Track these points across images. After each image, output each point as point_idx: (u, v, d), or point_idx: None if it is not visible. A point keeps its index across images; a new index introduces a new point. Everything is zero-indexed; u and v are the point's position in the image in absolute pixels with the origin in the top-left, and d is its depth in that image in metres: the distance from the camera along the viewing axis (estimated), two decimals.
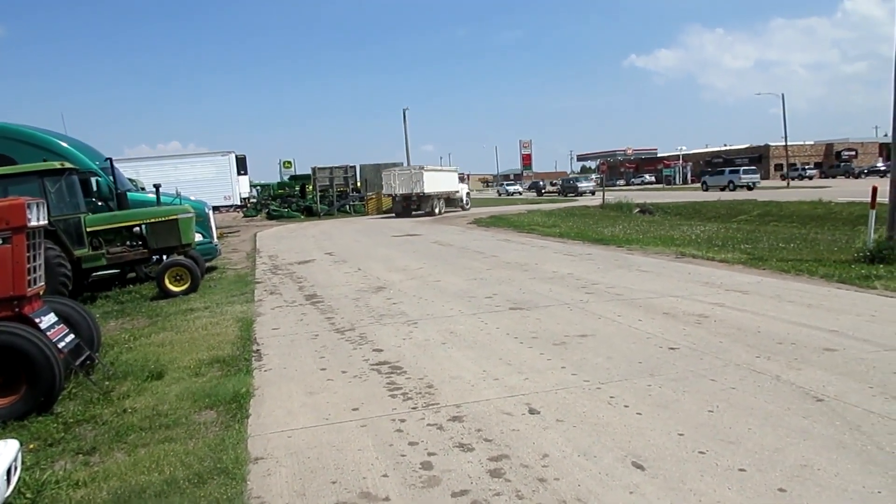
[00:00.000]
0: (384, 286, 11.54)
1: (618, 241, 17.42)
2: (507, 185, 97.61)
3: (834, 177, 74.20)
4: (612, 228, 21.96)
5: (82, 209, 11.95)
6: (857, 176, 71.75)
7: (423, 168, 40.30)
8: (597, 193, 53.98)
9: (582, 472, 3.93)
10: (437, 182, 41.47)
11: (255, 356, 7.12)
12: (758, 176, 58.16)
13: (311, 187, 48.64)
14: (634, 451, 4.18)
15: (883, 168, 72.11)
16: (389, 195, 41.77)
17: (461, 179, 47.97)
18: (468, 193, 48.49)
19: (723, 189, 53.43)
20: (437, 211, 40.57)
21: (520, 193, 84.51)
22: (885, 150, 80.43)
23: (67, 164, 11.65)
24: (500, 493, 3.72)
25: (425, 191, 39.45)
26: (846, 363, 5.80)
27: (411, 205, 40.06)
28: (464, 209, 44.43)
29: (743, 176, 55.15)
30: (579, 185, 68.53)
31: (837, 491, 3.55)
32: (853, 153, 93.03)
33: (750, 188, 52.59)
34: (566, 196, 64.98)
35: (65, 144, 13.97)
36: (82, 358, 6.32)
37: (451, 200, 44.55)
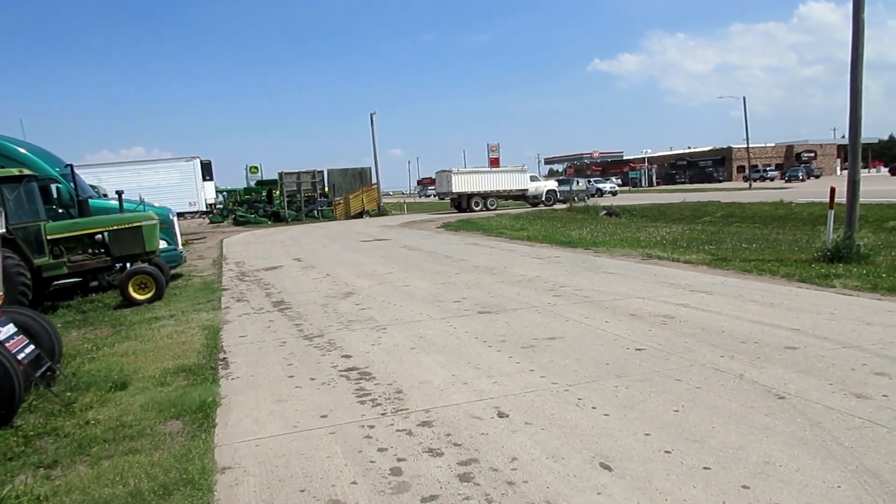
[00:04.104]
0: (353, 291, 11.50)
1: (585, 243, 17.59)
2: (597, 181, 69.52)
3: (797, 180, 74.45)
4: (580, 231, 22.17)
5: (42, 217, 11.69)
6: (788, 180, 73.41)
7: (450, 171, 46.78)
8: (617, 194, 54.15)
9: (550, 474, 3.95)
10: (475, 182, 46.43)
11: (221, 364, 7.03)
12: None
13: (278, 192, 48.25)
14: (602, 452, 4.22)
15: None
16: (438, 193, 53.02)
17: (534, 178, 51.21)
18: (551, 191, 49.72)
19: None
20: (475, 208, 45.15)
21: (613, 194, 62.56)
22: (843, 151, 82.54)
23: (26, 171, 11.40)
24: (469, 498, 3.72)
25: (453, 189, 45.85)
26: (807, 361, 5.93)
27: (453, 201, 47.30)
28: (546, 205, 46.37)
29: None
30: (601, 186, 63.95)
31: (799, 486, 3.63)
32: (812, 154, 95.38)
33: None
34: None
35: (23, 150, 13.64)
36: (43, 369, 6.17)
37: (524, 198, 48.23)
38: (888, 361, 5.80)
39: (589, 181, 64.67)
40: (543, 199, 48.13)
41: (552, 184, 52.23)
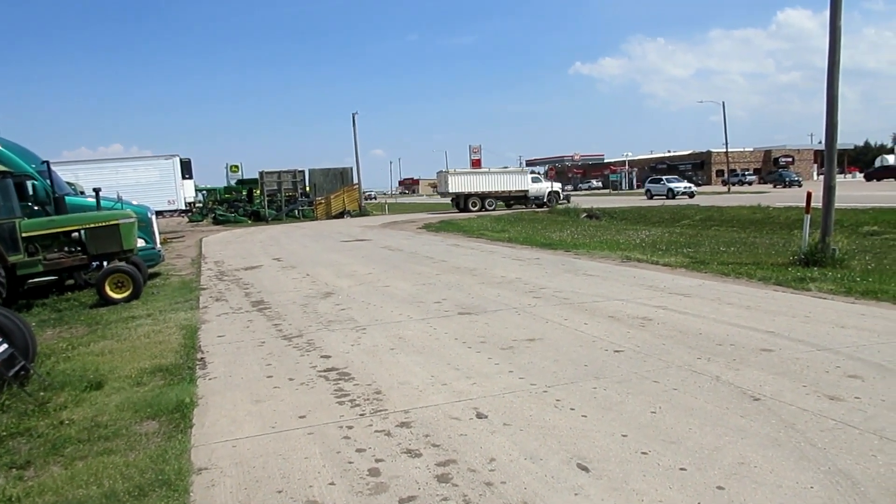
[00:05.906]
0: (333, 292, 11.45)
1: (565, 245, 17.68)
2: (670, 181, 57.97)
3: (796, 185, 71.49)
4: (560, 233, 22.28)
5: (17, 214, 11.51)
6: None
7: (448, 171, 48.47)
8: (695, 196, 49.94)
9: (528, 475, 3.97)
10: (472, 182, 47.56)
11: (199, 364, 6.97)
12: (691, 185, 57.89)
13: (258, 191, 47.97)
14: (580, 453, 4.25)
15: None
16: (439, 192, 53.96)
17: (536, 179, 50.80)
18: (553, 192, 49.07)
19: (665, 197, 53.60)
20: (473, 208, 46.23)
21: (690, 195, 51.23)
22: (820, 156, 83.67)
23: (1, 167, 11.22)
24: (447, 499, 3.73)
25: (450, 189, 47.34)
26: (782, 363, 6.01)
27: (453, 201, 48.33)
28: (548, 206, 45.46)
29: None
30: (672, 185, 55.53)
31: (773, 487, 3.68)
32: (790, 160, 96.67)
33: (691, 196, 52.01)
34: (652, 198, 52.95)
35: None
36: (16, 368, 6.08)
37: (524, 199, 48.30)
38: (861, 364, 5.89)
39: (660, 180, 59.05)
40: (545, 200, 47.72)
41: (555, 185, 51.95)
